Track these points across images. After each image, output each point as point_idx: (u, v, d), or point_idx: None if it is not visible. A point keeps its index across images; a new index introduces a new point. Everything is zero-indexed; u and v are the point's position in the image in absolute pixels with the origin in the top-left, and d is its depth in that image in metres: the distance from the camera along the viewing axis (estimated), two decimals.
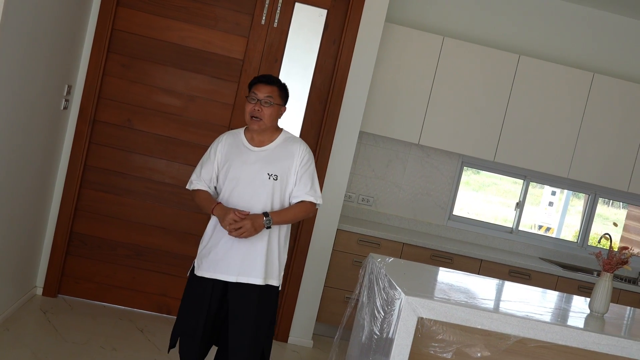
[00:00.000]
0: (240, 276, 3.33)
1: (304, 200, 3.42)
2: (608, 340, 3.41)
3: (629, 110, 5.66)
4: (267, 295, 3.41)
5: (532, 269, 5.46)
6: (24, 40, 3.62)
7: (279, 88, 3.42)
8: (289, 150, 3.43)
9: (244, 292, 3.35)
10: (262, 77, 3.43)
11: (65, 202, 4.84)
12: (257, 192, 3.35)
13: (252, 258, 3.35)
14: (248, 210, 3.30)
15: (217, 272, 3.35)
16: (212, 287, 3.38)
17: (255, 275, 3.35)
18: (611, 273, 3.85)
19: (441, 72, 5.50)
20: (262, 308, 3.40)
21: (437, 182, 5.94)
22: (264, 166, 3.37)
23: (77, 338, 4.27)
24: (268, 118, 3.36)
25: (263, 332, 3.44)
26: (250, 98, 3.37)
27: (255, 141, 3.42)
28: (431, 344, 3.39)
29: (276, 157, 3.40)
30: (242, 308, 3.36)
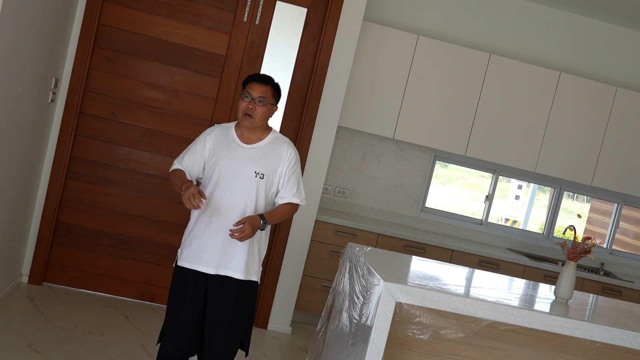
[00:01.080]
0: (219, 269, 3.37)
1: (290, 201, 3.49)
2: (572, 324, 3.66)
3: (593, 108, 5.94)
4: (246, 290, 3.45)
5: (500, 259, 5.72)
6: (15, 34, 3.74)
7: (273, 88, 3.46)
8: (277, 151, 3.47)
9: (223, 285, 3.39)
10: (257, 76, 3.48)
11: (51, 192, 4.96)
12: (241, 188, 3.38)
13: (233, 251, 3.38)
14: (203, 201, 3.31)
15: (197, 264, 3.38)
16: (195, 277, 3.39)
17: (235, 268, 3.38)
18: (575, 262, 4.10)
19: (415, 69, 5.72)
20: (241, 302, 3.43)
21: (410, 176, 6.17)
22: (251, 163, 3.41)
23: (65, 324, 4.41)
24: (260, 117, 3.41)
25: (241, 326, 3.47)
26: (244, 96, 3.41)
27: (245, 138, 3.46)
28: (409, 327, 3.61)
29: (264, 156, 3.45)
30: (221, 301, 3.39)
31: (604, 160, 5.99)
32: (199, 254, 3.38)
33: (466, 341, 3.91)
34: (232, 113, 5.12)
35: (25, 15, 3.82)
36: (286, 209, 3.51)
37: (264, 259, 3.74)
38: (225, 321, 3.38)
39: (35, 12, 4.01)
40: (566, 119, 5.92)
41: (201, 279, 3.40)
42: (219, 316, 3.38)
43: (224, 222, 3.36)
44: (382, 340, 3.49)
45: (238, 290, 3.40)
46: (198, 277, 3.40)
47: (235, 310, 3.40)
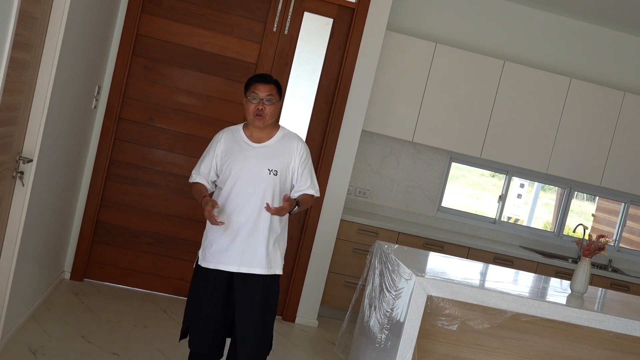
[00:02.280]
0: (242, 266, 3.49)
1: (307, 193, 3.62)
2: (589, 315, 3.95)
3: (602, 112, 6.23)
4: (271, 284, 3.57)
5: (514, 255, 6.01)
6: (74, 47, 4.02)
7: (275, 85, 3.57)
8: (288, 147, 3.57)
9: (249, 282, 3.51)
10: (259, 77, 3.57)
11: (92, 193, 5.25)
12: (257, 187, 3.48)
13: (253, 248, 3.49)
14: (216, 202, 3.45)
15: (220, 263, 3.50)
16: (215, 277, 3.52)
17: (258, 265, 3.50)
18: (590, 258, 4.40)
19: (433, 75, 6.01)
20: (267, 297, 3.56)
21: (427, 177, 6.46)
22: (264, 161, 3.50)
23: (110, 317, 4.70)
24: (270, 115, 3.51)
25: (270, 320, 3.60)
26: (252, 98, 3.50)
27: (255, 137, 3.56)
28: (439, 319, 3.90)
29: (275, 153, 3.54)
30: (248, 297, 3.51)
31: (612, 161, 6.29)
32: (220, 254, 3.50)
33: (488, 332, 4.21)
34: None
35: (81, 29, 4.10)
36: (308, 199, 3.65)
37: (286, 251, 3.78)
38: (255, 317, 3.50)
39: (86, 25, 4.28)
40: (576, 122, 6.22)
41: (223, 277, 3.53)
42: (248, 313, 3.50)
43: (242, 221, 3.49)
44: (414, 331, 3.78)
45: (263, 286, 3.53)
46: (219, 275, 3.52)
47: (263, 305, 3.53)
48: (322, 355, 4.92)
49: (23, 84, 3.36)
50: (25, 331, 4.09)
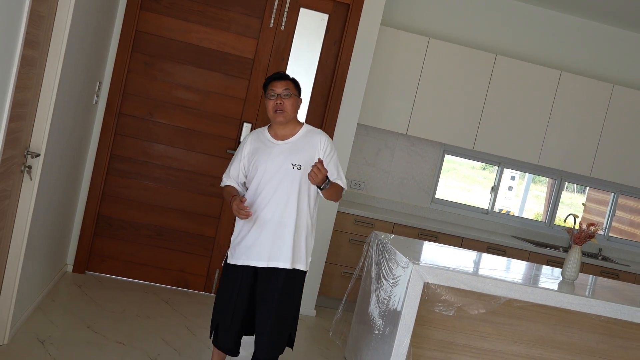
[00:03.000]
0: (270, 261, 3.56)
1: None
2: (579, 300, 4.10)
3: (592, 104, 6.37)
4: (293, 279, 3.62)
5: (507, 245, 6.15)
6: (77, 44, 4.12)
7: (292, 81, 3.67)
8: (312, 142, 3.64)
9: (271, 276, 3.58)
10: (275, 74, 3.69)
11: (93, 187, 5.35)
12: (282, 183, 3.56)
13: (279, 243, 3.56)
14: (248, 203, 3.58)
15: (249, 259, 3.59)
16: (242, 273, 3.62)
17: (283, 259, 3.56)
18: (580, 246, 4.54)
19: (427, 69, 6.13)
20: (287, 291, 3.60)
21: (421, 169, 6.59)
22: (287, 157, 3.58)
23: (114, 308, 4.81)
24: (290, 108, 3.59)
25: (289, 316, 3.64)
26: (270, 95, 3.61)
27: (279, 136, 3.66)
28: (436, 305, 4.04)
29: (299, 149, 3.62)
30: (269, 291, 3.58)
31: (602, 152, 6.43)
32: (250, 250, 3.59)
33: (483, 318, 4.35)
34: (260, 112, 5.51)
35: (83, 27, 4.19)
36: (338, 188, 3.68)
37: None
38: (274, 311, 3.56)
39: (87, 23, 4.38)
40: (566, 114, 6.35)
41: (249, 272, 3.63)
42: (267, 305, 3.58)
43: (269, 216, 3.57)
44: (411, 317, 3.92)
45: (285, 279, 3.59)
46: (246, 270, 3.63)
47: (282, 298, 3.58)
48: (320, 343, 5.05)
49: (31, 80, 3.46)
50: (32, 322, 4.20)
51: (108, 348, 4.10)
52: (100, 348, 4.08)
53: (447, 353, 4.40)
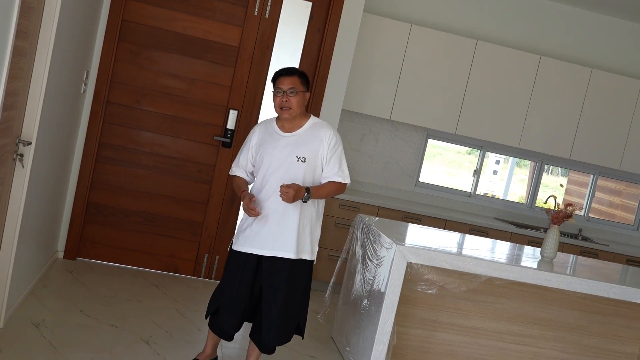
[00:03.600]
0: (273, 250, 3.64)
1: (332, 180, 3.73)
2: (557, 278, 4.25)
3: (571, 88, 6.52)
4: (299, 269, 3.70)
5: (489, 227, 6.30)
6: (65, 34, 4.19)
7: (299, 76, 3.71)
8: (317, 135, 3.71)
9: (276, 266, 3.66)
10: (283, 70, 3.73)
11: (82, 175, 5.44)
12: (287, 174, 3.63)
13: (286, 233, 3.63)
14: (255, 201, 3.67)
15: (253, 247, 3.67)
16: (245, 260, 3.70)
17: (287, 249, 3.64)
18: (558, 225, 4.69)
19: (409, 55, 6.24)
20: (294, 281, 3.69)
21: (405, 153, 6.71)
22: (293, 149, 3.66)
23: (105, 292, 4.91)
24: (296, 106, 3.66)
25: (296, 305, 3.73)
26: (277, 92, 3.67)
27: (286, 128, 3.73)
28: (419, 284, 4.17)
29: (304, 141, 3.69)
30: (275, 281, 3.66)
31: (581, 135, 6.58)
32: (253, 238, 3.68)
33: (465, 296, 4.49)
34: (246, 99, 5.61)
35: (70, 16, 4.27)
36: (331, 187, 3.76)
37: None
38: (280, 300, 3.65)
39: (74, 12, 4.45)
40: (546, 98, 6.49)
41: (252, 260, 3.70)
42: (274, 295, 3.66)
43: (274, 207, 3.64)
44: (395, 296, 4.05)
45: (290, 269, 3.67)
46: (249, 258, 3.70)
47: (289, 289, 3.67)
48: (308, 324, 5.13)
49: (22, 70, 3.54)
50: (26, 306, 4.30)
51: (101, 331, 4.21)
52: (94, 331, 4.19)
53: (431, 331, 4.55)
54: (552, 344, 4.69)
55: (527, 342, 4.67)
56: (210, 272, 5.74)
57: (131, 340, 4.17)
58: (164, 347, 4.16)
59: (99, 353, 3.89)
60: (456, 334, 4.57)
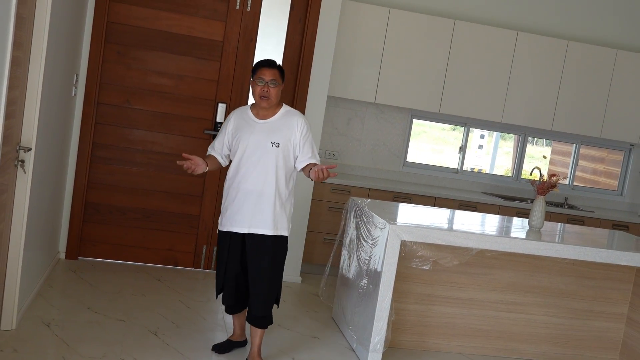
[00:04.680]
0: (252, 228, 3.94)
1: (309, 162, 4.01)
2: (545, 246, 4.42)
3: (549, 61, 6.68)
4: (279, 244, 4.01)
5: (477, 201, 6.47)
6: (55, 41, 4.29)
7: (279, 70, 3.99)
8: (289, 122, 3.99)
9: (258, 242, 3.95)
10: (265, 62, 3.98)
11: (78, 176, 5.55)
12: (262, 158, 3.92)
13: (261, 211, 3.93)
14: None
15: (233, 226, 3.98)
16: (231, 238, 4.02)
17: (266, 226, 3.94)
18: (544, 196, 4.86)
19: (390, 38, 6.37)
20: (275, 255, 4.00)
21: (391, 134, 6.87)
22: (267, 135, 3.94)
23: (110, 289, 5.05)
24: (274, 96, 3.93)
25: (278, 277, 4.06)
26: (259, 81, 3.92)
27: (261, 115, 4.00)
28: (413, 260, 4.34)
29: (278, 128, 3.97)
30: (258, 256, 3.96)
31: (561, 106, 6.76)
32: (233, 217, 3.99)
33: (458, 270, 4.67)
34: (233, 92, 5.73)
35: (59, 23, 4.37)
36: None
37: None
38: (265, 273, 3.97)
39: (63, 18, 4.55)
40: (525, 72, 6.66)
41: (237, 238, 4.01)
42: (258, 270, 3.97)
43: (251, 188, 3.94)
44: (392, 273, 4.21)
45: (272, 245, 3.97)
46: (234, 236, 4.02)
47: (272, 262, 3.99)
48: (309, 307, 5.34)
49: (18, 79, 3.65)
50: (35, 307, 4.43)
51: (110, 325, 4.36)
52: (103, 326, 4.33)
53: (427, 305, 4.72)
54: (544, 309, 4.89)
55: (520, 310, 4.85)
56: (209, 262, 5.88)
57: (140, 332, 4.32)
58: (172, 337, 4.31)
59: (111, 346, 4.03)
60: (452, 307, 4.75)
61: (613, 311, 5.00)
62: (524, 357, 4.89)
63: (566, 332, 4.94)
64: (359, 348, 4.45)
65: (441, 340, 4.78)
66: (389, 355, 4.45)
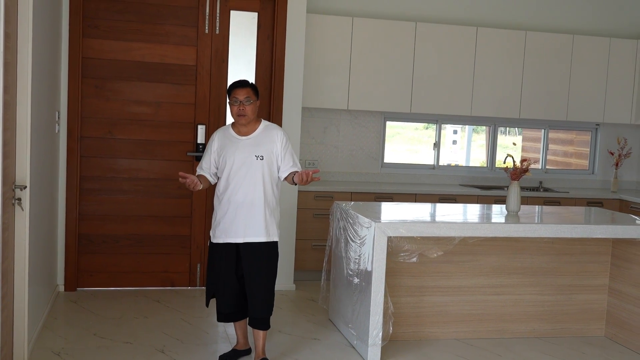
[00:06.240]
0: (246, 237, 4.19)
1: (291, 171, 4.28)
2: (524, 227, 4.66)
3: (509, 52, 6.95)
4: (273, 249, 4.28)
5: (456, 193, 6.71)
6: (38, 83, 4.47)
7: (252, 88, 4.26)
8: (270, 136, 4.28)
9: (253, 250, 4.20)
10: (237, 83, 4.26)
11: (69, 209, 5.71)
12: (249, 171, 4.18)
13: (253, 220, 4.18)
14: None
15: (228, 237, 4.21)
16: (225, 249, 4.23)
17: (259, 234, 4.20)
18: (518, 181, 5.10)
19: (356, 46, 6.61)
20: (270, 260, 4.28)
21: (367, 138, 7.09)
22: (251, 150, 4.21)
23: (112, 315, 5.21)
24: (251, 113, 4.21)
25: (272, 281, 4.30)
26: (234, 101, 4.19)
27: (242, 132, 4.27)
28: (400, 255, 4.55)
29: (260, 142, 4.25)
30: (254, 263, 4.21)
31: (526, 94, 7.03)
32: (228, 229, 4.21)
33: (445, 260, 4.88)
34: (211, 113, 5.93)
35: (40, 66, 4.54)
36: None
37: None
38: (262, 277, 4.23)
39: (41, 61, 4.72)
40: (489, 65, 6.92)
41: (232, 248, 4.24)
42: (255, 276, 4.22)
43: (241, 200, 4.18)
44: (382, 268, 4.42)
45: (265, 250, 4.24)
46: (228, 247, 4.24)
47: (267, 266, 4.26)
48: (305, 312, 5.53)
49: (8, 121, 3.82)
50: (43, 339, 4.59)
51: (118, 348, 4.52)
52: (111, 350, 4.49)
53: (419, 296, 4.94)
54: (530, 288, 5.12)
55: (507, 292, 5.08)
56: (204, 280, 6.03)
57: (148, 352, 4.49)
58: (179, 353, 4.49)
59: None
60: (443, 295, 4.97)
61: (595, 283, 5.24)
62: (516, 336, 5.12)
63: (553, 308, 5.17)
64: (358, 344, 4.65)
65: (436, 328, 4.99)
66: (388, 347, 4.65)
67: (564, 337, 5.18)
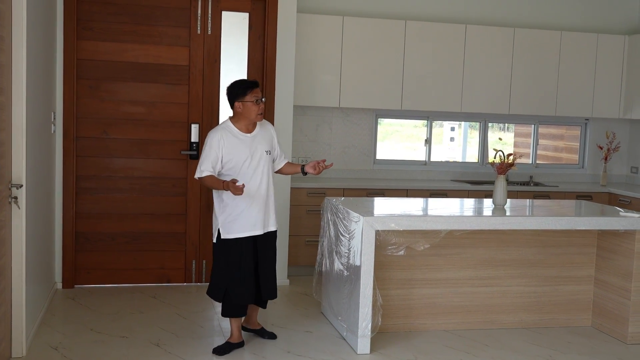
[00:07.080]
0: (265, 228, 4.57)
1: (286, 162, 4.82)
2: (510, 220, 4.78)
3: (498, 49, 7.07)
4: (276, 236, 4.72)
5: (447, 189, 6.82)
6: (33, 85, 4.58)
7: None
8: (268, 131, 4.63)
9: (268, 239, 4.61)
10: (254, 82, 4.51)
11: (66, 208, 5.82)
12: (260, 166, 4.49)
13: (270, 211, 4.60)
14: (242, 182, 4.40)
15: (251, 231, 4.49)
16: (244, 242, 4.48)
17: (273, 224, 4.64)
18: (504, 175, 5.22)
19: (346, 45, 6.72)
20: (275, 247, 4.72)
21: (359, 135, 7.20)
22: (261, 145, 4.52)
23: (109, 310, 5.33)
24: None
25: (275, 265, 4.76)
26: (256, 100, 4.44)
27: (246, 129, 4.50)
28: (388, 248, 4.66)
29: (263, 138, 4.56)
30: (268, 250, 4.62)
31: (516, 90, 7.14)
32: (249, 224, 4.48)
33: (433, 252, 4.99)
34: (204, 112, 6.04)
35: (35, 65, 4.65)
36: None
37: None
38: (273, 264, 4.69)
39: (37, 63, 4.83)
40: (478, 62, 7.03)
41: (250, 241, 4.51)
42: (270, 262, 4.64)
43: (257, 194, 4.48)
44: (370, 261, 4.53)
45: (274, 238, 4.69)
46: (248, 240, 4.50)
47: (275, 253, 4.72)
48: (299, 305, 5.65)
49: (4, 122, 3.94)
50: (41, 334, 4.70)
51: (114, 343, 4.63)
52: (107, 344, 4.60)
53: (409, 289, 5.05)
54: (517, 280, 5.23)
55: (495, 283, 5.20)
56: (200, 276, 6.17)
57: (143, 345, 4.60)
58: (174, 346, 4.60)
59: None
60: (432, 288, 5.08)
61: (581, 274, 5.35)
62: (504, 327, 5.23)
63: (540, 299, 5.29)
64: (349, 335, 4.76)
65: (425, 320, 5.10)
66: (377, 339, 4.76)
67: (551, 327, 5.29)
